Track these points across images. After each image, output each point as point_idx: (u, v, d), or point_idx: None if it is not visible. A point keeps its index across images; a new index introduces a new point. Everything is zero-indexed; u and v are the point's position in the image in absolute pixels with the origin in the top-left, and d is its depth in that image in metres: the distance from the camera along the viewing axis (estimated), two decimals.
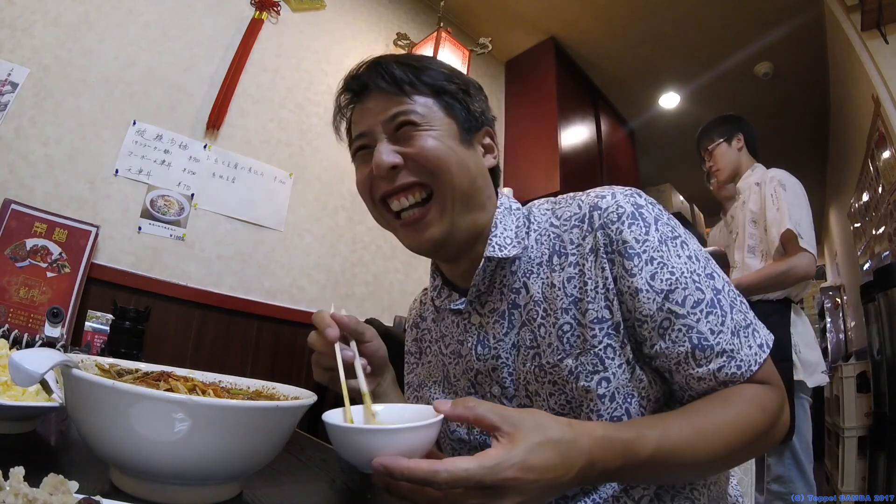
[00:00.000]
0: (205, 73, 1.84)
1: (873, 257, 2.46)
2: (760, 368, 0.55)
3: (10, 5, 1.49)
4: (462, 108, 0.64)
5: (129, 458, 0.39)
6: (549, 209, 0.66)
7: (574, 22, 2.80)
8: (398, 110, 0.61)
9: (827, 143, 3.67)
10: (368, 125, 0.63)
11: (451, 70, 0.67)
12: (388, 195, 0.63)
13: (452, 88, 0.64)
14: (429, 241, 0.62)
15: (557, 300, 0.59)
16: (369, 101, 0.64)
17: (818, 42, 2.70)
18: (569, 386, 0.57)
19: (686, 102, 3.41)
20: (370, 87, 0.63)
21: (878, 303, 2.12)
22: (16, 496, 0.28)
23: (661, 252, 0.56)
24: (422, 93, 0.62)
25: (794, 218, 1.62)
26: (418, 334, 0.80)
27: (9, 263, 1.32)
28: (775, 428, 0.56)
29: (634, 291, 0.55)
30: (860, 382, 2.43)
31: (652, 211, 0.59)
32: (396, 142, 0.61)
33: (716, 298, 0.55)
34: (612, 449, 0.45)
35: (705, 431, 0.50)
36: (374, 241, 2.24)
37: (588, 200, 0.61)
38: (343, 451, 0.43)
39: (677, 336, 0.55)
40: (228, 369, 0.60)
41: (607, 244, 0.58)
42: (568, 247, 0.61)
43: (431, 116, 0.62)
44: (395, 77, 0.61)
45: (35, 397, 0.56)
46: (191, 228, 1.74)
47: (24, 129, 1.47)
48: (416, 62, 0.64)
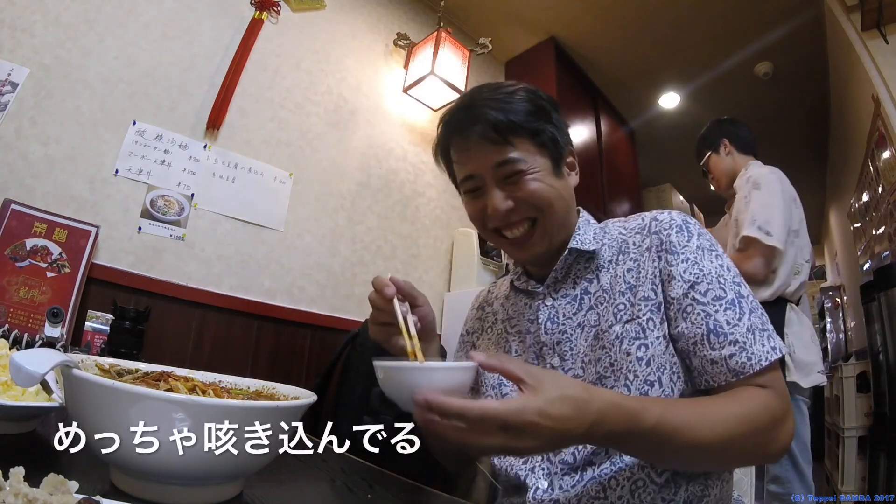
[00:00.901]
0: (205, 73, 1.84)
1: (873, 257, 2.46)
2: (769, 371, 0.61)
3: (10, 5, 1.48)
4: (552, 143, 0.74)
5: (129, 458, 0.39)
6: (620, 225, 0.80)
7: (574, 22, 2.79)
8: (502, 159, 0.71)
9: (827, 143, 3.67)
10: (475, 169, 0.73)
11: (535, 100, 0.74)
12: (500, 228, 0.75)
13: (542, 126, 0.73)
14: (531, 257, 0.77)
15: (618, 286, 0.72)
16: (472, 146, 0.73)
17: (818, 42, 2.69)
18: (614, 349, 0.67)
19: (686, 102, 3.41)
20: (470, 135, 0.72)
21: (878, 303, 2.12)
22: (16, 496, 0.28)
23: (697, 255, 0.68)
24: (519, 135, 0.71)
25: (760, 219, 1.61)
26: (482, 315, 0.92)
27: (9, 263, 1.32)
28: (777, 431, 0.59)
29: (670, 279, 0.67)
30: (860, 382, 2.43)
31: (697, 228, 0.71)
32: (505, 186, 0.72)
33: (737, 299, 0.64)
34: (619, 414, 0.50)
35: (707, 415, 0.55)
36: (374, 241, 2.24)
37: (650, 215, 0.76)
38: (389, 389, 0.49)
39: (695, 319, 0.64)
40: (228, 369, 0.60)
41: (658, 244, 0.71)
42: (631, 248, 0.74)
43: (531, 160, 0.72)
44: (495, 126, 0.70)
45: (35, 397, 0.56)
46: (191, 228, 1.74)
47: (24, 129, 1.47)
48: (506, 102, 0.71)
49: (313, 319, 1.94)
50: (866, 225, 2.61)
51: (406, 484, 0.64)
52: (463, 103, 0.76)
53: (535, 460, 0.70)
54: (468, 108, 0.74)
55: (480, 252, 2.35)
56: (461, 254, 2.46)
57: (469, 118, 0.73)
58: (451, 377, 0.49)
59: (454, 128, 0.76)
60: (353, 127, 2.25)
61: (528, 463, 0.70)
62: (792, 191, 1.75)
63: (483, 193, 0.74)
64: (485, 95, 0.74)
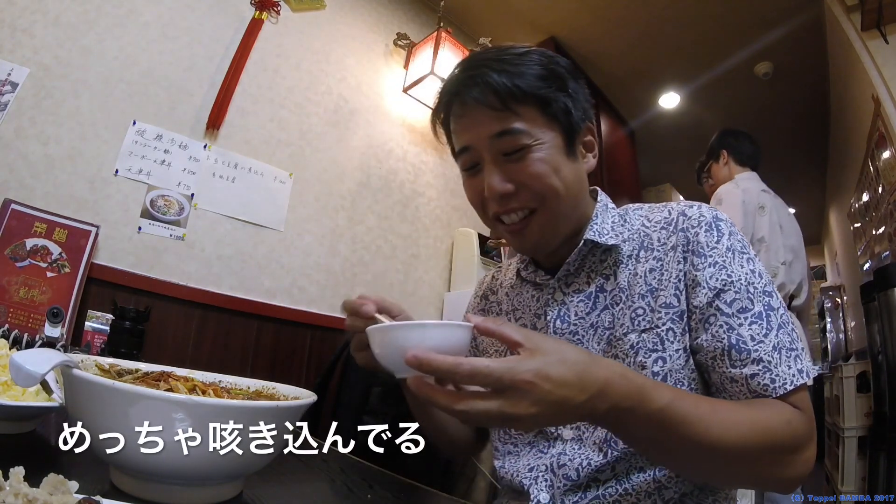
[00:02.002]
0: (205, 73, 1.84)
1: (873, 257, 2.46)
2: (796, 392, 0.54)
3: (10, 5, 1.49)
4: (564, 114, 0.64)
5: (129, 458, 0.39)
6: (643, 214, 0.71)
7: (574, 22, 2.79)
8: (503, 129, 0.61)
9: (827, 143, 3.67)
10: (472, 139, 0.64)
11: (548, 64, 0.64)
12: (500, 213, 0.66)
13: (554, 95, 0.63)
14: (530, 246, 0.69)
15: (637, 286, 0.65)
16: (469, 112, 0.64)
17: (818, 42, 2.69)
18: (628, 360, 0.61)
19: (686, 102, 3.41)
20: (467, 100, 0.63)
21: (878, 303, 2.12)
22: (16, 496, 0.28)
23: (726, 258, 0.61)
24: (525, 103, 0.62)
25: None
26: (486, 305, 0.85)
27: (9, 263, 1.32)
28: (796, 455, 0.52)
29: (695, 285, 0.61)
30: (860, 382, 2.43)
31: (728, 227, 0.64)
32: (505, 164, 0.63)
33: (765, 313, 0.57)
34: (626, 386, 0.45)
35: (721, 412, 0.50)
36: (374, 241, 2.24)
37: (678, 208, 0.68)
38: (382, 353, 0.47)
39: (717, 331, 0.58)
40: (228, 369, 0.60)
41: (685, 243, 0.63)
42: (655, 244, 0.66)
43: (538, 133, 0.62)
44: (496, 90, 0.60)
45: (35, 397, 0.56)
46: (191, 228, 1.74)
47: (24, 129, 1.47)
48: (513, 65, 0.62)
49: (313, 319, 1.94)
50: (866, 225, 2.61)
51: (406, 484, 0.64)
52: (465, 64, 0.67)
53: (538, 470, 0.65)
54: (468, 69, 0.65)
55: (480, 252, 2.36)
56: (461, 254, 2.46)
57: (467, 80, 0.63)
58: (443, 334, 0.45)
59: (451, 91, 0.66)
60: (353, 127, 2.25)
61: (533, 472, 0.65)
62: (762, 200, 1.93)
63: (481, 171, 0.65)
64: (489, 56, 0.65)
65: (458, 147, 0.68)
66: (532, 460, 0.67)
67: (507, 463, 0.71)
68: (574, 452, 0.63)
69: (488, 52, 0.67)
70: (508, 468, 0.70)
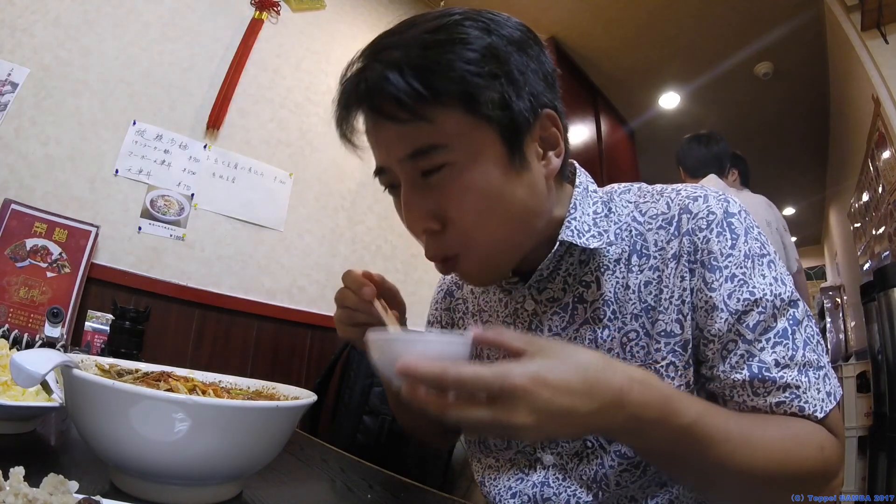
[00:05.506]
0: (205, 73, 1.84)
1: (873, 257, 2.46)
2: (826, 418, 0.48)
3: (10, 5, 1.48)
4: (501, 108, 0.48)
5: (129, 458, 0.39)
6: (632, 202, 0.59)
7: (574, 22, 2.79)
8: (414, 149, 0.48)
9: (827, 143, 3.67)
10: (384, 160, 0.53)
11: (481, 37, 0.47)
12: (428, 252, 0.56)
13: (485, 84, 0.47)
14: (475, 283, 0.62)
15: (629, 304, 0.54)
16: (373, 126, 0.51)
17: (818, 42, 2.69)
18: None
19: (686, 102, 3.41)
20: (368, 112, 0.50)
21: (878, 303, 2.12)
22: (16, 496, 0.28)
23: (746, 269, 0.50)
24: (442, 104, 0.46)
25: None
26: (451, 304, 0.75)
27: (9, 263, 1.32)
28: (826, 483, 0.48)
29: (710, 308, 0.51)
30: (860, 382, 2.43)
31: (743, 222, 0.53)
32: (424, 188, 0.50)
33: (790, 328, 0.49)
34: (649, 395, 0.39)
35: (751, 434, 0.44)
36: (374, 241, 2.24)
37: (679, 201, 0.55)
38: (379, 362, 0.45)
39: (736, 361, 0.49)
40: (228, 369, 0.60)
41: (691, 252, 0.52)
42: (651, 248, 0.55)
43: (461, 142, 0.47)
44: (398, 99, 0.45)
45: (35, 397, 0.56)
46: (191, 228, 1.74)
47: (24, 129, 1.47)
48: (426, 48, 0.46)
49: (313, 319, 1.94)
50: (866, 225, 2.61)
51: (406, 484, 0.64)
52: (364, 59, 0.50)
53: (521, 498, 0.57)
54: (365, 68, 0.49)
55: None
56: None
57: (360, 84, 0.48)
58: (438, 347, 0.42)
59: (345, 103, 0.52)
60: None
61: (516, 499, 0.58)
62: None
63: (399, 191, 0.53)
64: (396, 40, 0.48)
65: (376, 165, 0.55)
66: (513, 483, 0.61)
67: (486, 479, 0.65)
68: (559, 486, 0.57)
69: (398, 30, 0.50)
70: (490, 487, 0.64)
